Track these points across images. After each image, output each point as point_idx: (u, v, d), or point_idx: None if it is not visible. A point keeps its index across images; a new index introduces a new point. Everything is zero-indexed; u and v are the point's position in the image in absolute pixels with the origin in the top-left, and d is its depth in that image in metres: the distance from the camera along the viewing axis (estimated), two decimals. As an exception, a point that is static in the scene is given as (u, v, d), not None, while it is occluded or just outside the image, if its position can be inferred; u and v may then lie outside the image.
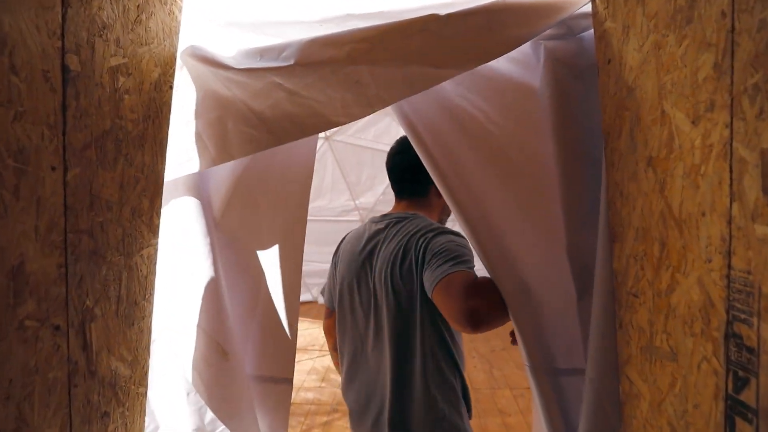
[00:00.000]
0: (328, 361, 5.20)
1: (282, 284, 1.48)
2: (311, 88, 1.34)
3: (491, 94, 1.48)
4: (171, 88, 1.29)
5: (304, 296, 7.85)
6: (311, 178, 1.53)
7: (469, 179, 1.46)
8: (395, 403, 1.54)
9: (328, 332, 1.90)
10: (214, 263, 1.39)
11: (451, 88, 1.50)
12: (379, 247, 1.64)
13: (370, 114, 1.39)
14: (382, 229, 1.68)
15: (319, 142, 7.39)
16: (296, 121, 1.38)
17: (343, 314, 1.73)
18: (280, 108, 1.37)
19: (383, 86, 1.33)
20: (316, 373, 4.86)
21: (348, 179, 7.52)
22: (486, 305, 1.43)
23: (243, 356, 1.44)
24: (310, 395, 4.50)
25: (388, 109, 1.44)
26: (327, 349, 1.97)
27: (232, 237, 1.49)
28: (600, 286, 1.25)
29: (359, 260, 1.66)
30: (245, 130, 1.40)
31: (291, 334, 1.48)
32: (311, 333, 6.18)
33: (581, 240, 1.36)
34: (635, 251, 1.10)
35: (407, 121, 1.51)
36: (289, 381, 1.45)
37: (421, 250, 1.53)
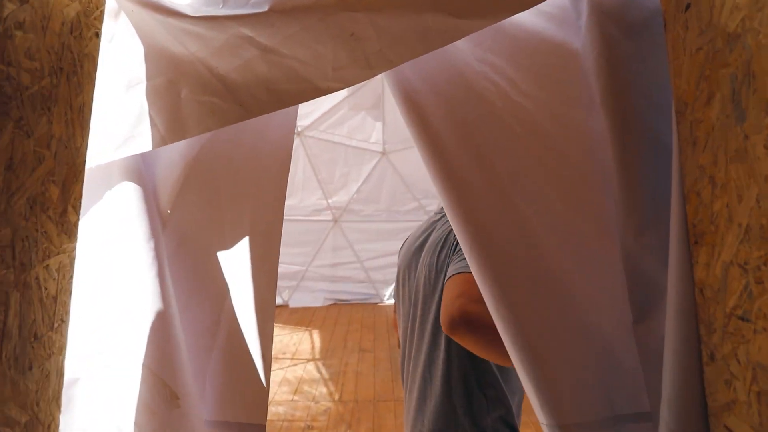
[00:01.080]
0: (301, 371, 4.84)
1: (253, 300, 1.14)
2: (292, 43, 1.02)
3: (520, 57, 1.17)
4: (98, 36, 0.94)
5: (276, 300, 7.43)
6: (289, 162, 1.20)
7: (491, 167, 1.15)
8: (418, 400, 1.48)
9: (394, 326, 1.86)
10: (161, 274, 1.04)
11: (467, 49, 1.19)
12: (430, 236, 1.57)
13: (369, 78, 1.06)
14: (437, 219, 1.61)
15: (290, 138, 7.00)
16: (272, 88, 1.05)
17: (398, 305, 1.71)
18: (251, 70, 1.04)
19: (388, 41, 1.01)
20: (288, 385, 4.50)
21: (320, 177, 7.16)
22: (478, 313, 1.22)
23: (199, 398, 1.09)
24: (281, 410, 4.14)
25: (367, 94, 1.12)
26: (300, 358, 2.01)
27: (185, 240, 1.14)
28: (676, 303, 0.94)
29: (412, 250, 1.61)
30: (204, 99, 1.06)
31: (263, 366, 1.13)
32: (282, 340, 5.80)
33: (642, 243, 1.06)
34: (743, 258, 0.79)
35: (408, 93, 1.19)
36: (261, 428, 1.11)
37: (455, 241, 1.41)
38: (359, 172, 7.22)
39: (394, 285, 1.89)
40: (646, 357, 1.07)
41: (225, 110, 1.05)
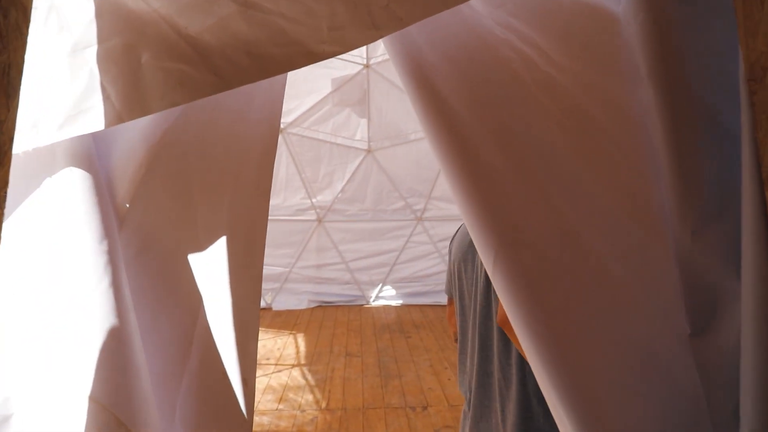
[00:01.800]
0: (286, 377, 4.62)
1: (233, 315, 0.94)
2: (279, -4, 0.83)
3: (549, 21, 0.99)
4: (29, -21, 0.73)
5: (257, 303, 7.20)
6: (275, 147, 1.00)
7: (518, 150, 0.97)
8: (490, 398, 1.45)
9: (450, 320, 1.87)
10: (115, 285, 0.84)
11: (487, 13, 1.00)
12: None
13: (373, 40, 0.87)
14: None
15: (272, 135, 6.78)
16: (254, 53, 0.86)
17: (456, 298, 1.66)
18: (228, 30, 0.85)
19: (397, -6, 0.82)
20: (273, 393, 4.28)
21: (303, 176, 6.94)
22: None
23: (166, 437, 0.88)
24: (265, 420, 3.92)
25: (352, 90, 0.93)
26: (285, 363, 1.93)
27: (147, 242, 0.94)
28: (755, 309, 0.77)
29: (468, 241, 1.55)
30: (170, 66, 0.86)
31: (244, 394, 0.93)
32: (265, 345, 5.57)
33: (701, 242, 0.88)
34: None
35: (417, 64, 1.00)
36: (244, 467, 0.91)
37: None
38: (344, 171, 7.01)
39: (448, 278, 1.80)
40: (706, 375, 0.89)
41: (196, 80, 0.85)
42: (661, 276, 0.92)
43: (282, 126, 6.54)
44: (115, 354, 0.81)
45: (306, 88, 6.34)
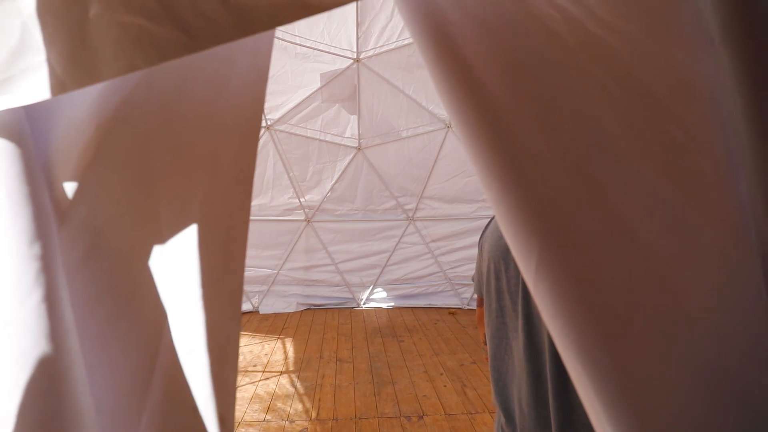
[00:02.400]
0: (273, 384, 4.42)
1: (206, 335, 0.74)
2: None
3: (598, -27, 0.81)
4: None
5: (244, 306, 6.98)
6: (259, 125, 0.81)
7: (560, 128, 0.78)
8: (559, 408, 1.28)
9: (480, 322, 1.75)
10: (49, 299, 0.64)
11: (521, -37, 0.82)
12: None
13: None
14: None
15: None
16: (234, 4, 0.67)
17: (489, 301, 1.55)
18: (199, -28, 0.66)
19: None
20: (260, 402, 4.07)
21: (291, 174, 6.73)
22: None
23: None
24: None
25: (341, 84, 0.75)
26: (273, 370, 2.01)
27: (97, 243, 0.74)
28: None
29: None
30: (126, 20, 0.67)
31: (223, 423, 0.74)
32: (252, 350, 5.35)
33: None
34: None
35: (436, 24, 0.82)
36: None
37: None
38: (333, 169, 6.81)
39: (478, 277, 1.69)
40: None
41: (159, 39, 0.66)
42: (741, 284, 0.74)
43: (268, 123, 6.33)
44: (47, 393, 0.61)
45: (293, 83, 6.13)
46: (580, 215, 0.75)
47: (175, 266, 0.75)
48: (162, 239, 0.76)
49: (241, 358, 5.11)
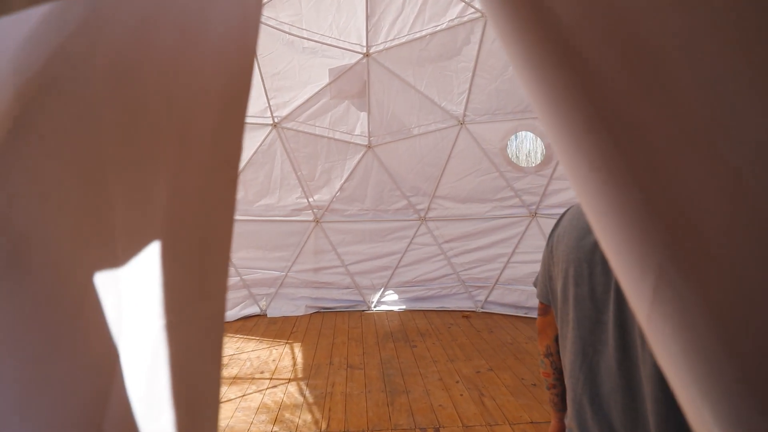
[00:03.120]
0: (281, 393, 4.21)
1: (174, 379, 0.52)
2: None
3: None
4: None
5: (251, 309, 6.79)
6: (249, 88, 0.59)
7: (679, 97, 0.55)
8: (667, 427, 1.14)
9: (542, 333, 1.61)
10: None
11: None
12: None
13: None
14: None
15: (266, 130, 6.45)
16: None
17: (564, 310, 1.37)
18: None
19: None
20: (267, 412, 3.87)
21: (299, 173, 6.52)
22: None
23: None
24: (258, 443, 3.51)
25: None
26: (281, 377, 1.70)
27: (19, 251, 0.52)
28: None
29: (592, 238, 1.27)
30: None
31: None
32: (259, 356, 5.15)
33: None
34: None
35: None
36: None
37: None
38: (342, 168, 6.60)
39: (543, 280, 1.51)
40: None
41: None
42: None
43: (275, 120, 6.13)
44: None
45: (301, 79, 5.93)
46: (718, 214, 0.53)
47: (132, 285, 0.54)
48: (113, 248, 0.55)
49: (248, 364, 4.91)
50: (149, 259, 0.53)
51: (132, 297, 0.53)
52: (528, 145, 22.00)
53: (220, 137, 0.57)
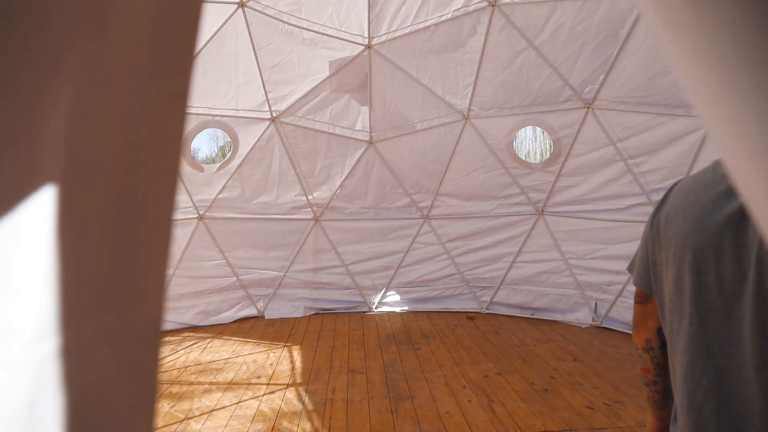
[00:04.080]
0: (279, 399, 3.98)
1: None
2: None
3: None
4: None
5: (248, 311, 6.57)
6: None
7: None
8: None
9: (641, 324, 1.40)
10: None
11: None
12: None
13: None
14: None
15: (263, 124, 6.23)
16: None
17: (678, 302, 1.15)
18: None
19: None
20: (264, 420, 3.64)
21: (299, 170, 6.30)
22: None
23: None
24: (254, 454, 3.28)
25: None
26: (278, 383, 1.54)
27: None
28: None
29: (717, 218, 1.07)
30: None
31: None
32: (256, 360, 4.93)
33: None
34: None
35: None
36: None
37: None
38: (343, 164, 6.39)
39: (644, 265, 1.30)
40: None
41: None
42: None
43: (273, 114, 5.91)
44: None
45: (300, 72, 5.72)
46: None
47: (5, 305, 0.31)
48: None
49: (244, 368, 4.68)
50: (25, 241, 0.31)
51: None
52: (527, 146, 21.67)
53: (136, 88, 0.35)
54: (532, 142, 22.40)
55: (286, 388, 4.21)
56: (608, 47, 4.82)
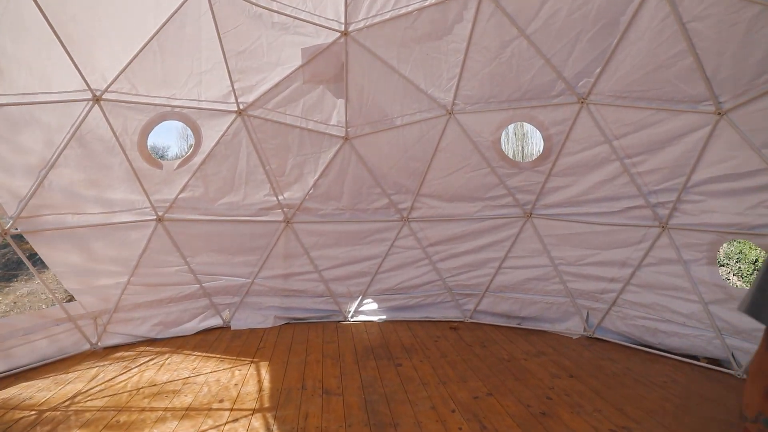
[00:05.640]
0: (243, 429, 3.46)
1: None
2: None
3: None
4: None
5: (213, 321, 6.02)
6: None
7: None
8: None
9: (758, 374, 1.01)
10: None
11: None
12: None
13: None
14: None
15: (229, 117, 5.58)
16: None
17: None
18: None
19: None
20: (224, 455, 3.13)
21: (268, 168, 5.78)
22: None
23: None
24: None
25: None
26: (243, 408, 1.40)
27: None
28: None
29: None
30: None
31: None
32: (219, 379, 4.39)
33: None
34: None
35: None
36: None
37: None
38: (316, 162, 5.88)
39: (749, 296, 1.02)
40: None
41: None
42: None
43: (240, 107, 5.38)
44: None
45: (270, 60, 5.19)
46: None
47: None
48: None
49: (204, 390, 4.14)
50: None
51: None
52: (513, 146, 21.43)
53: None
54: (514, 141, 22.14)
55: (252, 415, 3.69)
56: (607, 36, 4.44)
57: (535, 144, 23.29)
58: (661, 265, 4.96)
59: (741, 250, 9.45)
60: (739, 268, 9.28)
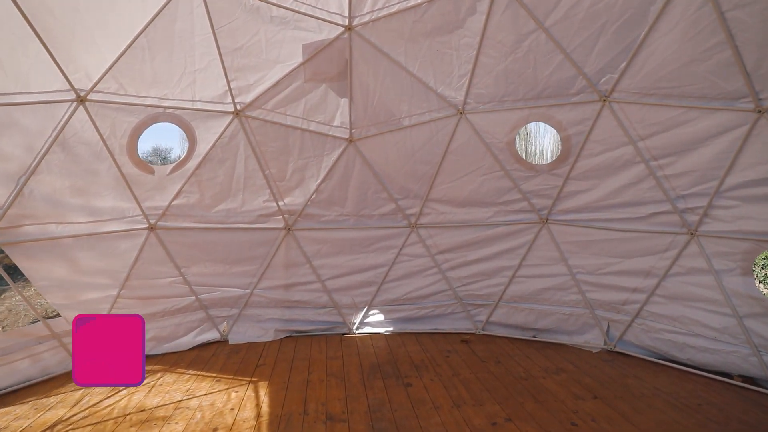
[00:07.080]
0: (238, 464, 3.13)
1: None
2: None
3: None
4: None
5: (210, 335, 5.68)
6: None
7: None
8: None
9: None
10: None
11: None
12: None
13: None
14: None
15: (225, 119, 5.20)
16: None
17: None
18: None
19: None
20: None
21: (268, 172, 5.44)
22: None
23: None
24: None
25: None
26: None
27: None
28: None
29: None
30: None
31: None
32: (214, 402, 4.05)
33: None
34: None
35: None
36: None
37: None
38: (319, 165, 5.55)
39: None
40: None
41: None
42: None
43: (238, 107, 5.04)
44: None
45: (269, 57, 4.85)
46: None
47: None
48: None
49: (198, 416, 3.80)
50: None
51: None
52: (520, 148, 21.06)
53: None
54: (521, 143, 21.81)
55: (249, 446, 3.36)
56: (634, 28, 4.09)
57: (539, 144, 22.94)
58: (689, 275, 4.61)
59: (767, 255, 9.07)
60: (765, 274, 8.90)
